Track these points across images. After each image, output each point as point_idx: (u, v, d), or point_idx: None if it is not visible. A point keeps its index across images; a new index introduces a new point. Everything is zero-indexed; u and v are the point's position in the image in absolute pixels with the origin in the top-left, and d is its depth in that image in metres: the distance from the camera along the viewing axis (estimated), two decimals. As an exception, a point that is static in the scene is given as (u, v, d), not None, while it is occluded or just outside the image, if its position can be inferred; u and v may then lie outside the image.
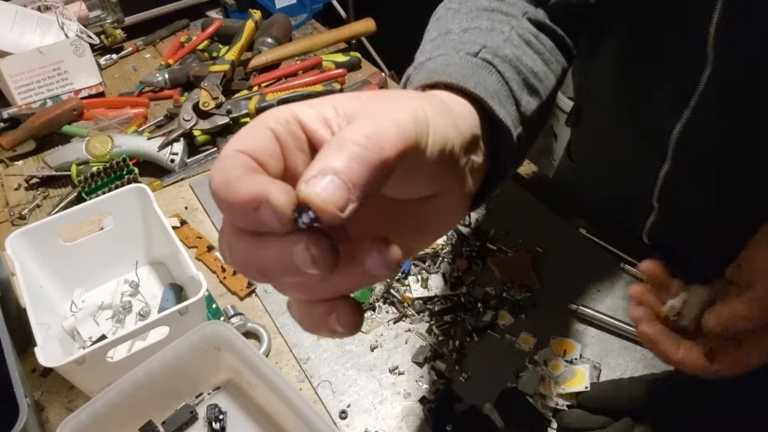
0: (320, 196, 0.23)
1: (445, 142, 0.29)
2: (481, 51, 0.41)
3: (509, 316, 0.67)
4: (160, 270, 0.75)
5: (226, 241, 0.26)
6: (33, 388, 0.64)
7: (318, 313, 0.28)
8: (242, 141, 0.26)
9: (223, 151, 0.26)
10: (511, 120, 0.37)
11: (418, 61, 0.43)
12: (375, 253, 0.26)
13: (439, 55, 0.42)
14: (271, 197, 0.23)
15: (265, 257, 0.25)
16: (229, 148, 0.26)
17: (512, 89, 0.40)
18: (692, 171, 0.60)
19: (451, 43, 0.44)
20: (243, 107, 0.95)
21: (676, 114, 0.57)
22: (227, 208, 0.25)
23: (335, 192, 0.23)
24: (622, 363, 0.62)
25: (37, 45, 1.03)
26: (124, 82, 1.13)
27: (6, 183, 0.92)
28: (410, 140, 0.26)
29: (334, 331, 0.28)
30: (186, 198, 0.87)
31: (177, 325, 0.59)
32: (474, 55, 0.41)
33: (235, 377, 0.61)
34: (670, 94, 0.57)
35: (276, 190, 0.23)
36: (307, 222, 0.23)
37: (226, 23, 1.18)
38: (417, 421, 0.58)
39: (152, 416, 0.58)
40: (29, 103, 1.02)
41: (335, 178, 0.23)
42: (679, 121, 0.57)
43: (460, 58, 0.41)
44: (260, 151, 0.26)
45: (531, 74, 0.43)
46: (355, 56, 1.11)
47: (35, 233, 0.66)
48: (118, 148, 0.89)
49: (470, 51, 0.41)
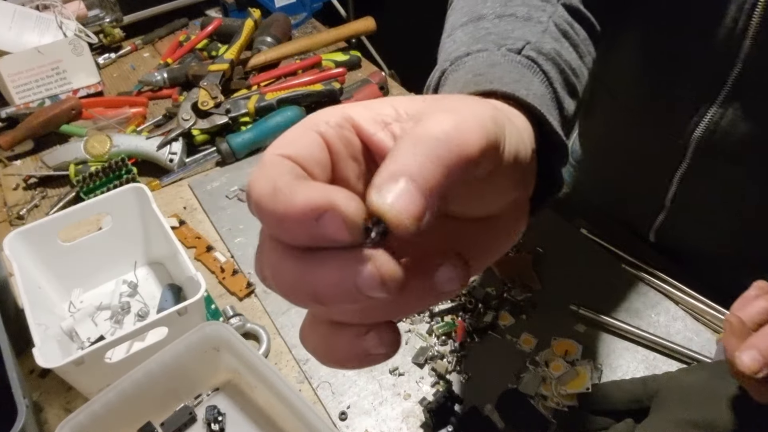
0: (395, 206, 0.20)
1: (519, 149, 0.26)
2: (525, 48, 0.38)
3: (510, 317, 0.66)
4: (159, 270, 0.75)
5: (268, 262, 0.22)
6: (31, 389, 0.63)
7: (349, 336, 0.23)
8: (287, 146, 0.22)
9: (265, 156, 0.22)
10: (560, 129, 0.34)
11: (451, 53, 0.40)
12: (449, 266, 0.22)
13: (478, 51, 0.38)
14: (341, 205, 0.20)
15: (323, 279, 0.21)
16: (272, 152, 0.22)
17: (556, 91, 0.38)
18: (711, 172, 0.59)
19: (487, 34, 0.40)
20: (242, 107, 0.95)
21: (700, 113, 0.56)
22: (276, 221, 0.21)
23: (411, 199, 0.20)
24: (623, 364, 0.61)
25: (35, 44, 1.03)
26: (122, 81, 1.13)
27: (4, 183, 0.91)
28: (492, 138, 0.23)
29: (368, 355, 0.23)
30: (185, 198, 0.86)
31: (176, 326, 0.59)
32: (518, 53, 0.38)
33: (234, 378, 0.61)
34: (695, 92, 0.56)
35: (344, 197, 0.20)
36: (378, 235, 0.20)
37: (225, 22, 1.18)
38: (417, 423, 0.58)
39: (151, 417, 0.57)
40: (27, 103, 1.02)
41: (410, 182, 0.20)
42: (702, 121, 0.56)
43: (503, 56, 0.37)
44: (307, 158, 0.22)
45: (570, 71, 0.41)
46: (355, 55, 1.11)
47: (33, 233, 0.66)
48: (116, 148, 0.89)
49: (513, 47, 0.38)
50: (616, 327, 0.64)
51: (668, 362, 0.61)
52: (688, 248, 0.69)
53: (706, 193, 0.62)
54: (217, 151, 0.91)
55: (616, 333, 0.64)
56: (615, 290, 0.69)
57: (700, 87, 0.55)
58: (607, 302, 0.67)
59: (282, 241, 0.21)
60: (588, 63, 0.46)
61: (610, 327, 0.64)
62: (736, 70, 0.51)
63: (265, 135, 0.92)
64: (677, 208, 0.65)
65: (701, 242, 0.67)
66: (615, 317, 0.64)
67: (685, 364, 0.61)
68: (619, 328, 0.64)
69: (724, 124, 0.55)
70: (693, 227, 0.66)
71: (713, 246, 0.67)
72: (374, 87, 1.00)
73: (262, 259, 0.22)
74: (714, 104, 0.55)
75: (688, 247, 0.68)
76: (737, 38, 0.50)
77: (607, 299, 0.68)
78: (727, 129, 0.55)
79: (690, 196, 0.63)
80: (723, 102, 0.54)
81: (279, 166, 0.21)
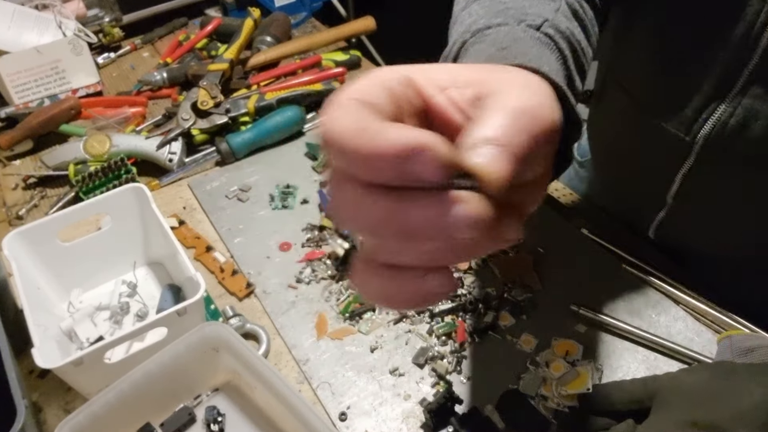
0: (489, 166, 0.22)
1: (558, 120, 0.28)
2: (544, 24, 0.40)
3: (510, 317, 0.66)
4: (158, 270, 0.75)
5: (350, 200, 0.23)
6: (30, 389, 0.63)
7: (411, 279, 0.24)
8: (360, 93, 0.23)
9: (339, 100, 0.23)
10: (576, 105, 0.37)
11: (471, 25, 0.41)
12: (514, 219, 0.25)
13: (498, 25, 0.40)
14: (437, 147, 0.21)
15: (417, 215, 0.22)
16: (347, 97, 0.23)
17: (569, 69, 0.39)
18: (716, 171, 0.59)
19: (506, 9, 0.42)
20: (242, 106, 0.95)
21: (709, 110, 0.56)
22: (362, 159, 0.21)
23: (503, 163, 0.23)
24: (624, 364, 0.61)
25: (34, 44, 1.02)
26: (122, 81, 1.13)
27: (3, 183, 0.91)
28: (557, 113, 0.27)
29: (429, 295, 0.25)
30: (184, 198, 0.86)
31: (175, 326, 0.58)
32: (537, 29, 0.40)
33: (233, 379, 0.61)
34: (706, 88, 0.55)
35: (439, 140, 0.21)
36: (466, 187, 0.22)
37: (225, 21, 1.18)
38: (417, 423, 0.58)
39: (150, 418, 0.57)
40: (27, 103, 1.02)
41: (503, 148, 0.23)
42: (711, 119, 0.56)
43: (524, 32, 0.39)
44: (380, 107, 0.23)
45: (580, 51, 0.42)
46: (355, 55, 1.11)
47: (32, 233, 0.66)
48: (115, 148, 0.88)
49: (533, 23, 0.40)
50: (617, 327, 0.64)
51: (669, 362, 0.61)
52: (688, 247, 0.68)
53: (708, 192, 0.61)
54: (216, 150, 0.91)
55: (617, 333, 0.64)
56: (615, 290, 0.68)
57: (711, 83, 0.55)
58: (608, 302, 0.67)
59: (362, 179, 0.22)
60: (593, 43, 0.47)
61: (610, 327, 0.64)
62: (750, 67, 0.51)
63: (264, 135, 0.92)
64: (678, 205, 0.65)
65: (701, 241, 0.67)
66: (615, 317, 0.64)
67: (686, 364, 0.61)
68: (619, 328, 0.64)
69: (733, 122, 0.54)
70: (693, 226, 0.66)
71: (713, 246, 0.67)
72: (374, 87, 1.00)
73: (341, 198, 0.23)
74: (724, 102, 0.54)
75: (687, 246, 0.68)
76: (756, 33, 0.50)
77: (608, 299, 0.68)
78: (735, 128, 0.55)
79: (692, 195, 0.63)
80: (732, 99, 0.54)
81: (359, 108, 0.23)
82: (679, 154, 0.60)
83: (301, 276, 0.72)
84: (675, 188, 0.63)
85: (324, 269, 0.72)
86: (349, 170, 0.22)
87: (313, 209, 0.82)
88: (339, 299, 0.69)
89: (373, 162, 0.21)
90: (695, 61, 0.56)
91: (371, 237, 0.24)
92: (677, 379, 0.52)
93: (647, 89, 0.62)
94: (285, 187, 0.85)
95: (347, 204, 0.23)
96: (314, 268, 0.73)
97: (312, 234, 0.77)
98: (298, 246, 0.76)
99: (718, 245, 0.66)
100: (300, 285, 0.72)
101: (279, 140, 0.93)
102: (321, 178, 0.86)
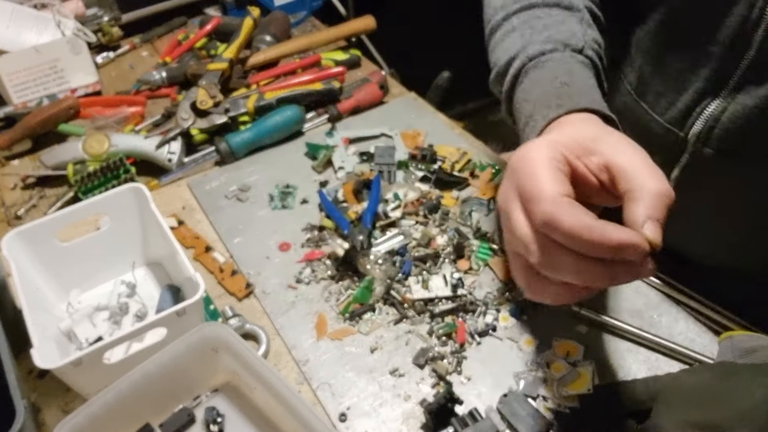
0: (657, 238, 0.39)
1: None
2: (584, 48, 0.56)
3: (511, 318, 0.66)
4: (158, 271, 0.75)
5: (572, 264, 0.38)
6: (29, 390, 0.63)
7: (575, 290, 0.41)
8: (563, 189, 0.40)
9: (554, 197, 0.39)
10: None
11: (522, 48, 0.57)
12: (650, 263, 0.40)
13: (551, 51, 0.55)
14: (641, 243, 0.38)
15: (621, 275, 0.39)
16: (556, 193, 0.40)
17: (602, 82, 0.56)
18: (710, 168, 0.59)
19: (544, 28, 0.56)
20: (241, 106, 0.95)
21: (702, 105, 0.56)
22: (589, 246, 0.37)
23: (660, 233, 0.39)
24: (625, 365, 0.61)
25: (33, 43, 1.02)
26: (121, 80, 1.13)
27: (2, 182, 0.91)
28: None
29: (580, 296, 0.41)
30: (183, 198, 0.86)
31: (174, 327, 0.58)
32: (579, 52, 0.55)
33: (233, 379, 0.61)
34: (701, 83, 0.55)
35: (641, 239, 0.38)
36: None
37: (224, 21, 1.17)
38: (417, 424, 0.58)
39: (149, 419, 0.57)
40: (25, 102, 1.02)
41: (659, 224, 0.39)
42: (703, 114, 0.56)
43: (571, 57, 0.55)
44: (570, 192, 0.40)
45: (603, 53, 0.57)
46: (355, 54, 1.11)
47: (31, 233, 0.65)
48: (114, 147, 0.88)
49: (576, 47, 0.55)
50: (618, 328, 0.64)
51: (670, 363, 0.61)
52: (681, 245, 0.68)
53: (701, 190, 0.61)
54: (216, 150, 0.91)
55: (618, 334, 0.64)
56: (616, 291, 0.68)
57: (704, 79, 0.55)
58: (609, 303, 0.67)
59: (579, 251, 0.38)
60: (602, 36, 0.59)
61: (611, 328, 0.64)
62: (744, 63, 0.51)
63: (264, 134, 0.91)
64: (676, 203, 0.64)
65: (694, 240, 0.66)
66: (616, 318, 0.64)
67: (687, 365, 0.61)
68: (620, 329, 0.63)
69: (725, 119, 0.54)
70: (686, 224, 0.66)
71: (702, 244, 0.66)
72: (374, 86, 1.00)
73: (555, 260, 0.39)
74: (717, 97, 0.54)
75: (680, 243, 0.68)
76: (748, 29, 0.50)
77: (609, 300, 0.67)
78: (728, 125, 0.55)
79: (689, 192, 0.63)
80: (727, 96, 0.53)
81: (571, 206, 0.39)
82: (674, 149, 0.60)
83: (300, 276, 0.72)
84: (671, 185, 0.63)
85: (324, 269, 0.72)
86: (567, 244, 0.38)
87: (312, 209, 0.82)
88: (339, 299, 0.69)
89: (598, 249, 0.37)
90: (689, 55, 0.56)
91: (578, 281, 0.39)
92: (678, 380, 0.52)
93: (644, 82, 0.63)
94: (284, 187, 0.85)
95: (566, 265, 0.39)
96: (314, 269, 0.73)
97: (312, 234, 0.77)
98: (297, 246, 0.76)
99: (715, 248, 0.65)
100: (300, 285, 0.71)
101: (278, 140, 0.93)
102: (320, 178, 0.86)
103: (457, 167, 0.84)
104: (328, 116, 0.97)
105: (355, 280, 0.71)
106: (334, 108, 0.97)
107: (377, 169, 0.85)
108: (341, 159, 0.88)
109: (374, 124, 0.96)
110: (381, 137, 0.93)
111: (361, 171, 0.86)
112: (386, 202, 0.79)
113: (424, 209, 0.78)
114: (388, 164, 0.86)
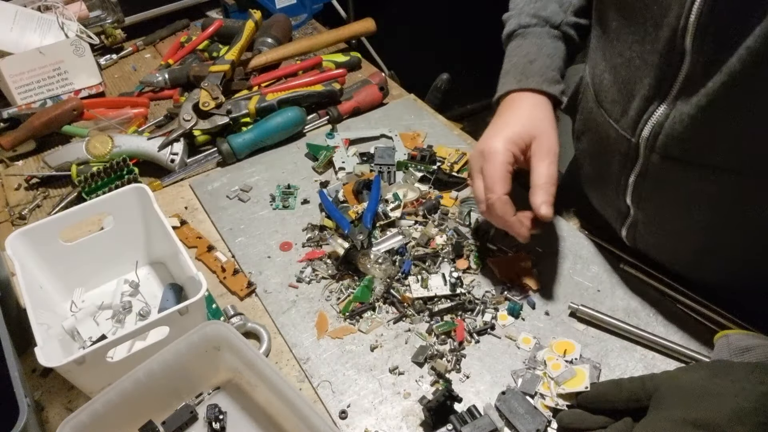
0: (548, 214, 0.63)
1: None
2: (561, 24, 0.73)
3: (509, 316, 0.67)
4: (160, 270, 0.75)
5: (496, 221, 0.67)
6: (33, 388, 0.64)
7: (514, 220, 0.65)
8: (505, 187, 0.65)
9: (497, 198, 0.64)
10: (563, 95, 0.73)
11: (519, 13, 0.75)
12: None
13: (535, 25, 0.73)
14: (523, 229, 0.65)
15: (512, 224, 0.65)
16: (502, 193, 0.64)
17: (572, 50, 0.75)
18: (661, 175, 0.59)
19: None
20: (243, 107, 0.95)
21: (649, 111, 0.56)
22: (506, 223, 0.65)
23: (551, 210, 0.63)
24: (621, 363, 0.62)
25: (37, 45, 1.03)
26: (124, 82, 1.13)
27: (6, 183, 0.92)
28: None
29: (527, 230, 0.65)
30: (186, 198, 0.87)
31: (177, 325, 0.59)
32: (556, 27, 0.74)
33: (235, 377, 0.61)
34: (646, 90, 0.57)
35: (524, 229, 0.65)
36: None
37: (226, 23, 1.18)
38: (417, 421, 0.58)
39: (152, 416, 0.58)
40: (29, 103, 1.02)
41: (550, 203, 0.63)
42: (650, 120, 0.56)
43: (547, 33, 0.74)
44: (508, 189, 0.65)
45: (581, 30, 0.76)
46: (355, 56, 1.11)
47: (35, 233, 0.66)
48: (118, 148, 0.89)
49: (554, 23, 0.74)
50: (615, 326, 0.64)
51: (667, 361, 0.62)
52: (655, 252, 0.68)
53: (659, 195, 0.62)
54: (218, 151, 0.92)
55: (615, 332, 0.64)
56: (614, 290, 0.69)
57: (648, 86, 0.56)
58: (606, 302, 0.68)
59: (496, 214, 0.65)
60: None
61: (608, 326, 0.64)
62: (684, 70, 0.52)
63: (265, 135, 0.92)
64: (639, 210, 0.65)
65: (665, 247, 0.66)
66: (614, 317, 0.65)
67: (683, 363, 0.61)
68: (617, 327, 0.64)
69: (668, 125, 0.55)
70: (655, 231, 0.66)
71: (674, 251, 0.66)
72: (374, 87, 1.00)
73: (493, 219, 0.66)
74: (663, 104, 0.55)
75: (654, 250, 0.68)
76: (680, 37, 0.50)
77: (606, 299, 0.68)
78: (669, 131, 0.55)
79: (647, 199, 0.63)
80: (671, 103, 0.54)
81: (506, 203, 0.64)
82: (630, 155, 0.61)
83: (301, 275, 0.73)
84: (630, 191, 0.64)
85: (324, 269, 0.73)
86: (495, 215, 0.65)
87: (313, 209, 0.82)
88: (339, 298, 0.70)
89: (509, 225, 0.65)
90: (636, 63, 0.57)
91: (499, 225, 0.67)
92: (675, 378, 0.53)
93: (603, 89, 0.64)
94: (286, 188, 0.86)
95: (493, 219, 0.66)
96: (315, 268, 0.73)
97: (312, 234, 0.78)
98: (298, 246, 0.77)
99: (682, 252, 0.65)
100: (300, 284, 0.72)
101: (280, 141, 0.94)
102: (321, 178, 0.87)
103: (456, 168, 0.85)
104: (328, 117, 0.98)
105: (356, 279, 0.71)
106: (335, 109, 0.98)
107: (377, 169, 0.86)
108: (341, 160, 0.89)
109: (374, 125, 0.97)
110: (381, 138, 0.94)
111: (361, 171, 0.86)
112: (386, 202, 0.79)
113: (423, 209, 0.78)
114: (387, 165, 0.86)
